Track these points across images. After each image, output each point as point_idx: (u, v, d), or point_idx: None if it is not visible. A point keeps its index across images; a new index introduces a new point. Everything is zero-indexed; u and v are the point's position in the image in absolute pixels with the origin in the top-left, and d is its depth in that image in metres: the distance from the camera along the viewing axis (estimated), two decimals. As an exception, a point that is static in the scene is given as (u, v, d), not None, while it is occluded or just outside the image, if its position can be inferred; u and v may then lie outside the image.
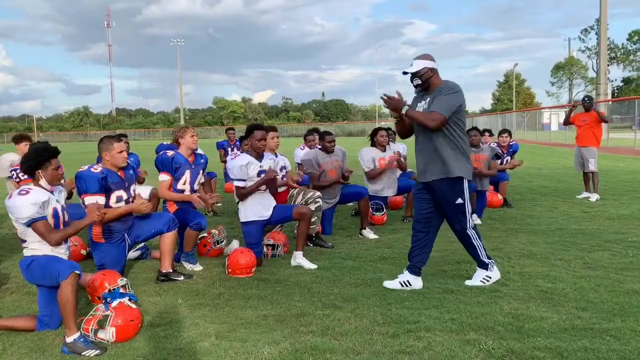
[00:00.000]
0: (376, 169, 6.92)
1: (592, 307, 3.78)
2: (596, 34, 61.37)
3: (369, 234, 6.30)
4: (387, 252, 5.56)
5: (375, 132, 7.10)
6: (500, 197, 8.30)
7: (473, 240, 4.33)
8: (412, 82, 4.22)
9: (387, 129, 7.33)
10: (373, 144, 7.06)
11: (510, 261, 5.08)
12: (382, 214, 7.01)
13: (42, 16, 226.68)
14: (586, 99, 9.45)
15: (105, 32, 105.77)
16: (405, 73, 4.21)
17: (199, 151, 5.55)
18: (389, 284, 4.37)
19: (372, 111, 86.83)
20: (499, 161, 7.90)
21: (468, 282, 4.36)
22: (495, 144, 8.48)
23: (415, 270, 4.37)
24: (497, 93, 78.03)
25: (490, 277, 4.34)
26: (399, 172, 7.43)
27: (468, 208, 4.25)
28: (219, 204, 9.09)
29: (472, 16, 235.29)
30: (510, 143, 8.71)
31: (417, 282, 4.36)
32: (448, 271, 4.80)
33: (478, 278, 4.36)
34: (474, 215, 7.09)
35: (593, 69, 65.40)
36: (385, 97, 4.15)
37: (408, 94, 4.39)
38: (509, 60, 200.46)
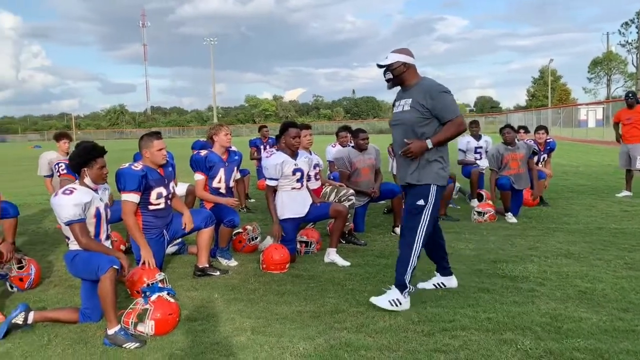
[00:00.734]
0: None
1: (634, 309, 3.69)
2: (637, 27, 59.53)
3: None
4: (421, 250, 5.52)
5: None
6: (536, 195, 8.14)
7: (412, 255, 3.81)
8: (384, 75, 3.94)
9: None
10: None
11: (547, 260, 5.00)
12: (416, 212, 6.95)
13: (78, 17, 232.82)
14: (630, 95, 9.18)
15: (140, 32, 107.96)
16: (379, 66, 3.93)
17: (233, 148, 5.62)
18: (422, 284, 4.31)
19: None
20: (535, 158, 7.76)
21: (373, 299, 3.85)
22: (532, 141, 8.34)
23: (442, 270, 4.31)
24: (531, 89, 76.43)
25: (400, 303, 3.78)
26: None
27: (427, 216, 3.80)
28: (252, 200, 9.21)
29: (506, 11, 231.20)
30: (548, 140, 8.54)
31: (451, 282, 4.31)
32: (483, 270, 4.74)
33: (387, 298, 3.81)
34: (509, 214, 7.00)
35: (633, 63, 63.41)
36: (406, 151, 3.81)
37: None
38: (544, 56, 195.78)
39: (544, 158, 8.51)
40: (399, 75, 3.89)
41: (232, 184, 5.48)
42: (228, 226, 5.10)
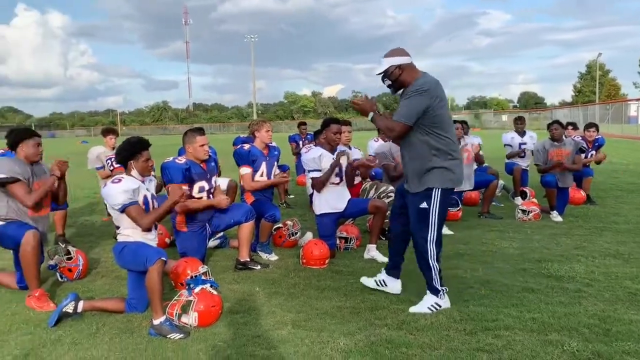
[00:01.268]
0: None
1: (688, 312, 3.54)
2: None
3: (443, 229, 6.18)
4: (463, 248, 5.45)
5: (450, 125, 6.93)
6: (583, 193, 7.92)
7: (430, 260, 3.70)
8: (383, 82, 3.78)
9: (462, 122, 7.13)
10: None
11: (594, 261, 4.84)
12: (457, 210, 6.86)
13: (123, 16, 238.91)
14: None
15: (182, 30, 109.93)
16: (378, 74, 3.79)
17: (273, 144, 5.68)
18: (365, 280, 4.25)
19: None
20: (583, 155, 7.52)
21: (413, 309, 3.72)
22: (580, 138, 8.09)
23: (390, 270, 4.15)
24: (578, 85, 74.03)
25: (440, 306, 3.71)
26: (475, 166, 7.23)
27: (434, 218, 3.66)
28: (292, 196, 9.27)
29: (550, 4, 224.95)
30: (596, 138, 8.27)
31: (393, 285, 4.13)
32: (528, 269, 4.63)
33: (426, 304, 3.72)
34: (554, 213, 6.82)
35: (687, 57, 60.46)
36: (355, 101, 3.82)
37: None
38: (591, 50, 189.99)
39: (591, 155, 8.24)
40: (397, 79, 3.71)
41: (272, 178, 5.53)
42: (269, 221, 5.15)
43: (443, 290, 3.75)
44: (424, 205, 3.65)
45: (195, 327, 3.48)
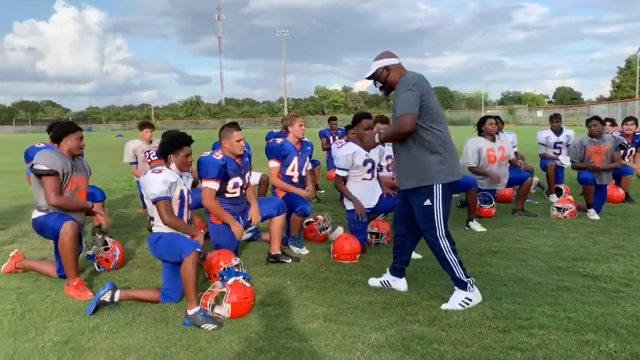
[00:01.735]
0: (480, 167, 6.64)
1: None
2: None
3: (476, 226, 6.12)
4: (496, 245, 5.37)
5: (483, 120, 6.82)
6: (622, 191, 7.70)
7: (445, 254, 3.67)
8: (375, 86, 3.90)
9: (496, 117, 7.01)
10: (480, 133, 6.79)
11: (633, 260, 4.72)
12: (491, 207, 6.76)
13: (157, 11, 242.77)
14: None
15: (215, 25, 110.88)
16: (368, 79, 3.90)
17: (305, 139, 5.70)
18: (372, 281, 4.24)
19: (477, 99, 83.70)
20: (622, 152, 7.31)
21: (444, 306, 3.68)
22: (619, 134, 7.87)
23: (395, 272, 4.12)
24: (617, 80, 71.86)
25: (470, 300, 3.66)
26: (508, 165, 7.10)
27: (438, 213, 3.65)
28: (322, 191, 9.29)
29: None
30: (636, 133, 8.04)
31: (398, 284, 4.10)
32: (563, 268, 4.55)
33: (456, 300, 3.67)
34: (591, 210, 6.66)
35: None
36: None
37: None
38: (632, 44, 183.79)
39: (631, 152, 8.02)
40: (385, 81, 3.77)
41: (304, 173, 5.56)
42: (299, 215, 5.18)
43: (470, 282, 3.70)
44: (427, 202, 3.66)
45: (228, 318, 3.54)
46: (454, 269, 3.70)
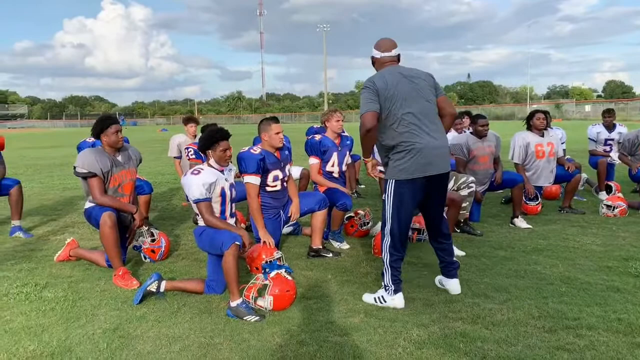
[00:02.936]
0: (522, 167, 6.48)
1: None
2: None
3: (521, 223, 5.98)
4: (543, 243, 5.24)
5: (532, 114, 6.64)
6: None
7: (384, 251, 3.70)
8: None
9: (545, 112, 6.82)
10: (529, 128, 6.62)
11: (689, 261, 4.52)
12: (537, 204, 6.59)
13: (200, 8, 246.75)
14: None
15: (257, 20, 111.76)
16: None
17: (345, 133, 5.69)
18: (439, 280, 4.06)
19: (522, 93, 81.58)
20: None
21: (365, 296, 3.79)
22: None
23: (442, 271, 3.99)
24: (672, 72, 68.63)
25: (385, 301, 3.67)
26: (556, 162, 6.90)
27: (389, 209, 3.64)
28: (362, 186, 9.26)
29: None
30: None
31: (450, 284, 3.93)
32: (613, 267, 4.39)
33: (375, 294, 3.76)
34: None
35: None
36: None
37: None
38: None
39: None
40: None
41: (344, 168, 5.56)
42: (340, 209, 5.18)
43: (390, 290, 3.67)
44: (383, 196, 3.73)
45: (270, 310, 3.58)
46: (384, 269, 3.72)
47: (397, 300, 3.67)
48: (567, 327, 3.23)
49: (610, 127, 8.02)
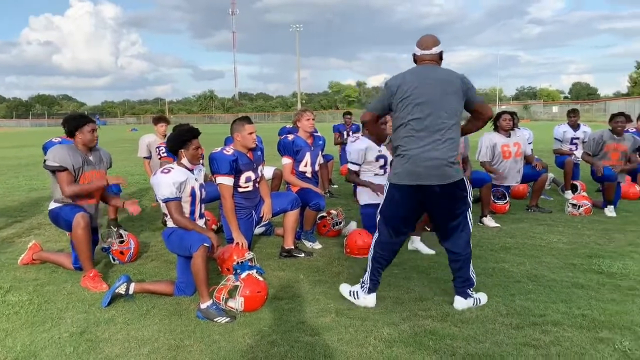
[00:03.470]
0: (490, 166, 6.60)
1: None
2: None
3: (490, 222, 6.09)
4: (510, 242, 5.34)
5: (499, 116, 6.77)
6: (638, 188, 7.62)
7: (371, 247, 3.77)
8: None
9: (512, 113, 6.95)
10: (496, 129, 6.75)
11: (649, 258, 4.67)
12: (505, 203, 6.72)
13: (171, 6, 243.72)
14: None
15: (229, 19, 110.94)
16: None
17: (317, 133, 5.70)
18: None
19: (492, 94, 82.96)
20: (637, 153, 7.20)
21: (341, 286, 3.87)
22: (634, 130, 7.78)
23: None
24: (634, 75, 70.72)
25: (357, 297, 3.72)
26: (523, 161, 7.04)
27: (381, 209, 3.70)
28: (335, 186, 9.29)
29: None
30: (652, 129, 7.93)
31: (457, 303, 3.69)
32: (577, 265, 4.51)
33: (350, 288, 3.82)
34: (610, 207, 6.59)
35: None
36: None
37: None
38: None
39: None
40: None
41: (317, 168, 5.57)
42: (313, 209, 5.19)
43: (365, 287, 3.71)
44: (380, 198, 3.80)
45: (241, 311, 3.56)
46: (367, 264, 3.76)
47: (368, 300, 3.69)
48: (533, 324, 3.30)
49: (575, 127, 8.23)
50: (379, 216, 3.72)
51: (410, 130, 3.49)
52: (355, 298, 3.72)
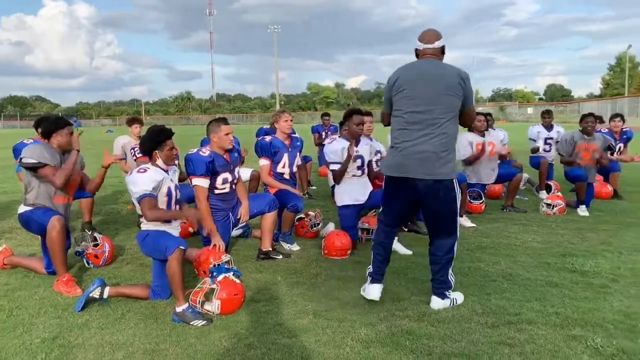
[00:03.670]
0: (472, 154, 6.68)
1: None
2: None
3: (466, 222, 6.15)
4: (486, 241, 5.40)
5: (474, 117, 6.85)
6: (610, 188, 7.79)
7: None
8: None
9: (486, 114, 7.04)
10: (470, 129, 6.82)
11: (620, 256, 4.77)
12: (480, 203, 6.80)
13: (148, 6, 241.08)
14: None
15: (206, 20, 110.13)
16: None
17: (295, 134, 5.69)
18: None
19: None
20: (609, 152, 7.35)
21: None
22: (607, 131, 7.94)
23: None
24: (607, 77, 72.31)
25: (364, 290, 3.80)
26: (498, 160, 7.14)
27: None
28: (313, 187, 9.29)
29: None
30: (624, 129, 8.10)
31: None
32: (552, 263, 4.58)
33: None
34: (582, 207, 6.71)
35: None
36: None
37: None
38: (623, 42, 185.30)
39: (620, 148, 8.07)
40: None
41: (295, 169, 5.55)
42: (291, 211, 5.17)
43: (369, 278, 3.81)
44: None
45: (218, 314, 3.53)
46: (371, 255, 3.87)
47: (368, 290, 3.75)
48: (508, 322, 3.34)
49: (548, 127, 8.37)
50: (381, 206, 3.84)
51: (403, 123, 3.55)
52: (363, 291, 3.80)
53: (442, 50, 3.63)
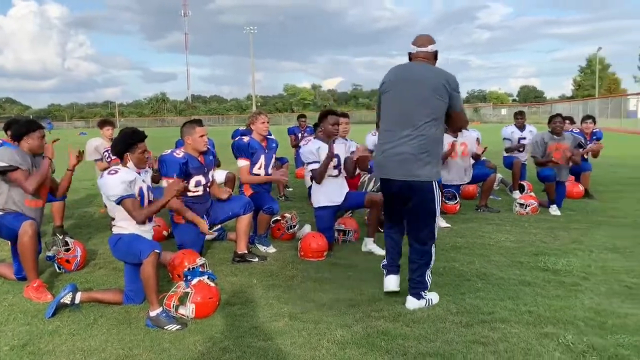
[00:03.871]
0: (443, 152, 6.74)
1: (683, 306, 3.55)
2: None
3: (441, 222, 6.20)
4: (460, 241, 5.46)
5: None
6: (581, 187, 7.95)
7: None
8: None
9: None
10: (445, 130, 6.88)
11: (591, 255, 4.86)
12: (455, 203, 6.87)
13: (121, 7, 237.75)
14: None
15: (181, 21, 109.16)
16: None
17: (271, 136, 5.68)
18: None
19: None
20: (581, 150, 7.51)
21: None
22: (578, 132, 8.10)
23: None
24: (578, 79, 73.86)
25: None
26: (472, 160, 7.23)
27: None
28: (290, 189, 9.27)
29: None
30: (594, 130, 8.28)
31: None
32: (524, 262, 4.65)
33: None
34: (554, 206, 6.83)
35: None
36: None
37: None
38: (593, 44, 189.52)
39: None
40: None
41: (271, 170, 5.53)
42: (267, 213, 5.15)
43: (384, 271, 3.94)
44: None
45: (192, 318, 3.49)
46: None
47: (386, 283, 3.86)
48: (482, 321, 3.37)
49: (521, 127, 8.51)
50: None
51: (387, 123, 3.63)
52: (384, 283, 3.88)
53: (434, 55, 3.69)
